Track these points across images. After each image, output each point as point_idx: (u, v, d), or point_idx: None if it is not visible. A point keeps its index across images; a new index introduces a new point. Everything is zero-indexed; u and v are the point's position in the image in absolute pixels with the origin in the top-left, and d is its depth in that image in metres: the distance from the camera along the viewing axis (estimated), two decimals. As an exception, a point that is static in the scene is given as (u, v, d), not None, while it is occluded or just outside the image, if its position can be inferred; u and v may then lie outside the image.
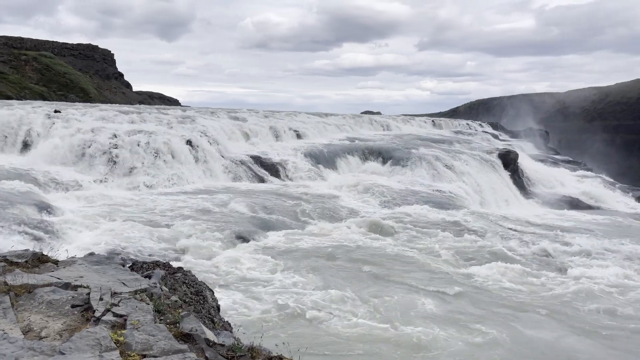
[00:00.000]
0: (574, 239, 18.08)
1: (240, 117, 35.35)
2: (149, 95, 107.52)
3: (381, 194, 23.13)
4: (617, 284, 13.05)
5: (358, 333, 9.21)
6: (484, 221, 20.19)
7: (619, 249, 16.86)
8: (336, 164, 28.89)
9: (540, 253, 15.98)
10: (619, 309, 11.47)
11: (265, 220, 16.56)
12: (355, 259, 13.80)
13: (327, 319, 9.64)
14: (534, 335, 9.82)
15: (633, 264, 15.09)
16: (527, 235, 18.58)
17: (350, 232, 16.65)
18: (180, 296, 5.71)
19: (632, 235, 20.52)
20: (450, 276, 13.12)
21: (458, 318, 10.30)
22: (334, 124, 41.54)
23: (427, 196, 23.74)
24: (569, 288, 12.71)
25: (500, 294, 12.07)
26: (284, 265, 12.57)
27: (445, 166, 29.14)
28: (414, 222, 18.59)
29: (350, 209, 19.76)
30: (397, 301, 10.90)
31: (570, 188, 33.31)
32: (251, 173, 24.50)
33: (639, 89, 70.48)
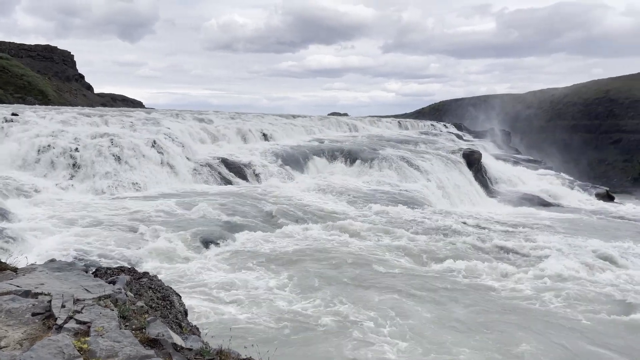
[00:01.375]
0: (535, 236, 18.67)
1: (206, 119, 34.95)
2: (111, 98, 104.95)
3: (349, 195, 23.30)
4: (577, 278, 13.53)
5: (329, 333, 9.25)
6: (449, 219, 20.60)
7: (578, 244, 17.48)
8: (304, 165, 28.92)
9: (502, 249, 16.42)
10: (579, 301, 11.90)
11: (232, 222, 16.42)
12: (323, 259, 13.85)
13: (297, 320, 9.64)
14: (499, 328, 10.08)
15: (591, 258, 15.67)
16: (490, 232, 19.06)
17: (318, 232, 16.70)
18: (147, 301, 5.60)
19: (590, 231, 21.35)
20: (418, 274, 13.33)
21: (427, 316, 10.47)
22: (301, 125, 41.56)
23: (394, 196, 24.06)
24: (530, 283, 13.10)
25: (465, 290, 12.34)
26: (253, 268, 12.50)
27: (411, 166, 29.58)
28: (382, 221, 18.80)
29: (319, 209, 19.81)
30: (364, 299, 11.00)
31: (531, 186, 34.31)
32: (218, 175, 24.25)
33: (595, 90, 73.30)
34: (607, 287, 12.94)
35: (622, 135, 63.09)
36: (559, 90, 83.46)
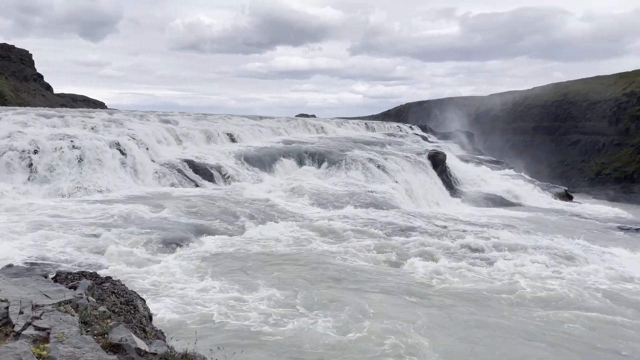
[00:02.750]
0: (498, 234, 19.15)
1: (172, 120, 34.37)
2: (72, 98, 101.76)
3: (317, 196, 23.36)
4: (538, 275, 13.97)
5: (297, 336, 9.25)
6: (416, 220, 20.92)
7: (538, 242, 18.03)
8: (272, 167, 28.81)
9: (467, 248, 16.78)
10: (541, 297, 12.29)
11: (199, 225, 16.21)
12: (290, 260, 13.85)
13: (265, 323, 9.60)
14: (463, 324, 10.31)
15: (551, 255, 16.18)
16: (455, 231, 19.44)
17: (286, 234, 16.68)
18: (109, 306, 5.49)
19: (549, 229, 22.06)
20: (385, 273, 13.49)
21: (394, 314, 10.60)
22: (269, 127, 41.37)
23: (362, 197, 24.25)
24: (494, 280, 13.45)
25: (432, 288, 12.56)
26: (220, 271, 12.38)
27: (378, 167, 29.90)
28: (350, 222, 18.93)
29: (287, 212, 19.79)
30: (332, 299, 11.06)
31: (494, 186, 35.15)
32: (184, 178, 23.89)
33: (554, 93, 75.73)
34: (564, 283, 13.39)
35: (580, 137, 65.42)
36: (521, 92, 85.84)
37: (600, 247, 17.61)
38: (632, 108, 57.32)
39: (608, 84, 66.13)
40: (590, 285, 13.36)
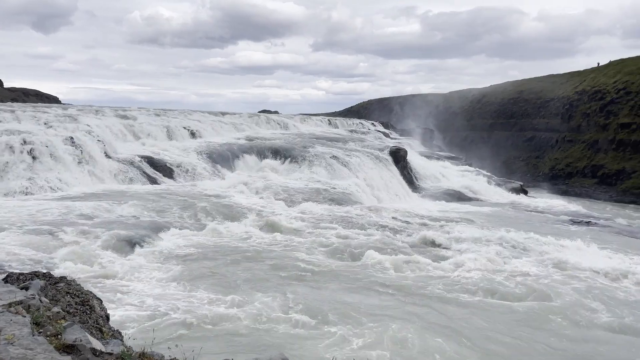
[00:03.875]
0: (456, 229, 19.67)
1: (130, 116, 33.50)
2: (23, 92, 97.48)
3: (280, 192, 23.32)
4: (493, 267, 14.44)
5: (256, 329, 9.25)
6: (378, 215, 21.22)
7: (494, 235, 18.62)
8: (234, 163, 28.57)
9: (427, 242, 17.18)
10: (498, 288, 12.72)
11: (158, 222, 15.92)
12: (253, 256, 13.80)
13: (225, 319, 9.55)
14: (421, 317, 10.56)
15: (507, 248, 16.77)
16: (416, 226, 19.85)
17: (249, 231, 16.60)
18: (64, 307, 5.34)
19: (506, 223, 22.80)
20: (345, 268, 13.64)
21: (348, 310, 10.74)
22: (230, 122, 40.95)
23: (325, 193, 24.38)
24: (452, 272, 13.82)
25: (391, 281, 12.79)
26: (180, 268, 12.21)
27: (341, 164, 30.10)
28: (312, 218, 19.01)
29: (249, 208, 19.67)
30: (290, 294, 11.10)
31: (453, 182, 36.04)
32: (143, 174, 23.37)
33: (510, 91, 78.10)
34: (518, 275, 13.90)
35: (534, 133, 67.77)
36: (479, 90, 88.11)
37: (552, 240, 18.34)
38: (583, 106, 59.78)
39: (561, 82, 68.73)
40: (541, 275, 13.92)
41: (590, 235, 20.95)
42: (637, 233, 23.20)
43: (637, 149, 50.28)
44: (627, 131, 51.95)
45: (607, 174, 51.74)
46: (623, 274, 14.63)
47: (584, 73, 67.42)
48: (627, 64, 59.73)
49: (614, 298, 12.65)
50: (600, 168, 52.95)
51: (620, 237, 21.35)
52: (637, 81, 53.79)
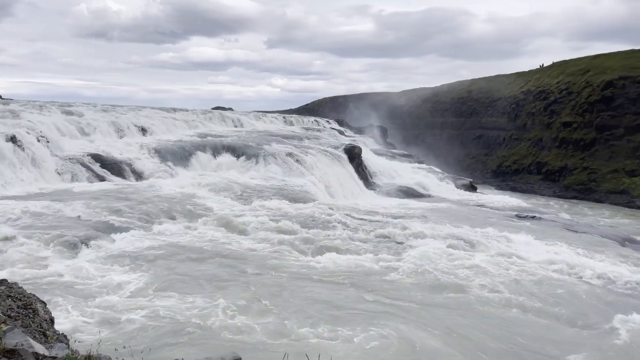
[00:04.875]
0: (409, 224, 20.05)
1: (76, 112, 32.17)
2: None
3: (235, 190, 23.02)
4: (444, 261, 14.84)
5: (207, 329, 9.10)
6: (333, 212, 21.32)
7: (445, 230, 19.12)
8: (187, 161, 27.96)
9: (381, 238, 17.43)
10: (450, 281, 13.07)
11: (108, 223, 15.35)
12: (205, 255, 13.57)
13: (175, 321, 9.34)
14: (375, 313, 10.72)
15: (456, 243, 17.25)
16: (370, 222, 20.10)
17: (203, 230, 16.31)
18: (4, 311, 5.06)
19: (456, 218, 23.46)
20: (300, 265, 13.64)
21: (308, 309, 10.76)
22: (183, 119, 40.08)
23: (281, 191, 24.26)
24: (406, 268, 14.08)
25: (349, 278, 12.90)
26: (131, 270, 11.84)
27: (296, 161, 30.06)
28: (267, 216, 18.87)
29: (203, 207, 19.31)
30: (243, 295, 11.01)
31: (406, 179, 36.72)
32: (91, 173, 22.48)
33: (460, 90, 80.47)
34: (468, 268, 14.35)
35: (483, 132, 70.12)
36: (430, 89, 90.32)
37: (500, 234, 19.03)
38: (528, 105, 62.36)
39: (508, 82, 71.42)
40: (490, 269, 14.42)
41: (535, 229, 21.90)
42: (579, 226, 24.43)
43: (578, 146, 52.96)
44: (569, 130, 54.62)
45: (550, 171, 54.23)
46: (568, 266, 15.38)
47: (529, 73, 70.37)
48: (569, 65, 62.79)
49: (558, 289, 13.27)
50: (544, 165, 55.44)
51: (564, 231, 22.43)
52: (578, 82, 56.63)
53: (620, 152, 49.09)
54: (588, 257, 16.91)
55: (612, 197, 46.38)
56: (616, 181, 47.47)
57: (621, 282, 14.31)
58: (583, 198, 47.94)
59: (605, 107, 51.65)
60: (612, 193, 46.79)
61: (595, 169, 49.89)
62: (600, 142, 51.15)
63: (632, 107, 49.33)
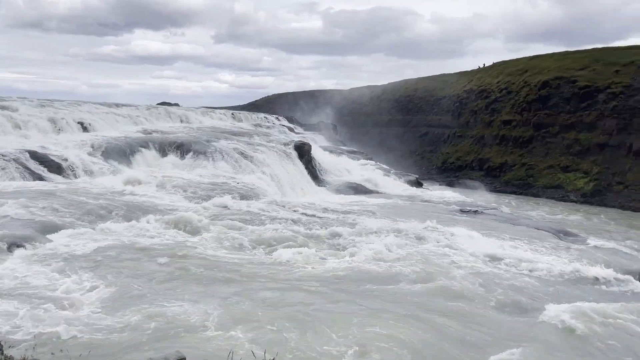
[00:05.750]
0: (359, 220, 20.36)
1: (9, 107, 30.32)
2: None
3: (182, 188, 22.50)
4: (393, 256, 15.16)
5: (153, 335, 8.88)
6: (283, 209, 21.31)
7: (393, 225, 19.54)
8: (131, 158, 27.02)
9: (331, 234, 17.57)
10: (398, 275, 13.37)
11: (45, 222, 14.61)
12: (150, 255, 13.20)
13: (113, 321, 9.04)
14: (324, 309, 10.82)
15: (405, 237, 17.67)
16: (320, 219, 20.23)
17: (149, 229, 15.84)
18: None
19: (403, 213, 24.02)
20: (250, 263, 13.54)
21: (253, 307, 10.71)
22: (127, 115, 38.68)
23: (230, 188, 23.94)
24: (355, 262, 14.29)
25: (295, 274, 12.94)
26: (69, 271, 11.33)
27: (246, 158, 29.75)
28: (217, 214, 18.60)
29: (149, 205, 18.76)
30: (193, 295, 10.82)
31: (356, 175, 37.19)
32: (26, 171, 21.29)
33: (406, 88, 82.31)
34: (416, 262, 14.74)
35: (428, 129, 72.08)
36: (378, 87, 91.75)
37: (444, 228, 19.67)
38: (471, 103, 64.64)
39: (451, 81, 73.72)
40: (436, 262, 14.89)
41: (477, 222, 22.78)
42: (518, 220, 25.63)
43: (517, 143, 55.50)
44: (509, 127, 57.12)
45: (492, 167, 56.53)
46: (507, 257, 16.11)
47: (472, 73, 72.95)
48: (508, 65, 65.63)
49: (497, 280, 13.88)
50: (486, 161, 57.70)
51: (504, 224, 23.45)
52: (517, 82, 59.29)
53: (555, 149, 51.87)
54: (526, 249, 17.79)
55: (548, 191, 48.97)
56: (552, 176, 50.17)
57: (555, 273, 15.16)
58: (522, 193, 50.33)
59: (542, 106, 54.39)
60: (548, 188, 49.40)
61: (533, 165, 52.48)
62: (538, 140, 53.84)
63: (567, 106, 52.22)
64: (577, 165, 48.85)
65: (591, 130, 49.32)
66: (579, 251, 18.27)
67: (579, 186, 47.20)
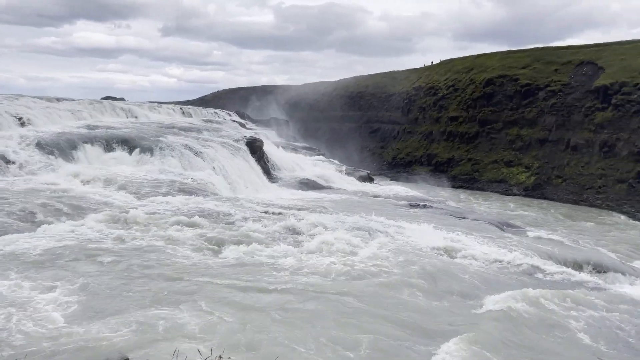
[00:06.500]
0: (311, 216, 20.43)
1: (-62, 100, 28.38)
2: None
3: (128, 185, 21.81)
4: (346, 251, 15.34)
5: (94, 335, 8.60)
6: (235, 206, 21.06)
7: (345, 220, 19.75)
8: (73, 154, 25.88)
9: (284, 230, 17.56)
10: (351, 270, 13.54)
11: (-21, 224, 13.79)
12: (97, 255, 12.74)
13: (65, 324, 8.70)
14: (272, 306, 10.82)
15: (354, 232, 17.91)
16: (272, 215, 20.15)
17: (94, 228, 15.26)
18: None
19: (355, 208, 24.33)
20: (202, 261, 13.33)
21: (203, 304, 10.57)
22: (68, 110, 37.02)
23: (179, 185, 23.43)
24: (308, 258, 14.35)
25: (247, 271, 12.85)
26: (5, 275, 10.76)
27: (195, 154, 29.16)
28: (165, 211, 18.16)
29: (94, 203, 18.07)
30: (142, 294, 10.56)
31: (308, 172, 37.29)
32: (-43, 168, 20.00)
33: (357, 85, 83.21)
34: (368, 257, 14.98)
35: (379, 125, 73.23)
36: (330, 83, 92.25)
37: (394, 222, 20.09)
38: (420, 100, 66.17)
39: (401, 78, 75.16)
40: (387, 255, 15.19)
41: (425, 216, 23.41)
42: (464, 213, 26.53)
43: (463, 139, 57.35)
44: (455, 124, 58.93)
45: (440, 162, 58.17)
46: (454, 249, 16.67)
47: (420, 70, 74.65)
48: (455, 63, 67.61)
49: (446, 271, 14.33)
50: (434, 157, 59.30)
51: (451, 218, 24.21)
52: (463, 79, 61.21)
53: (499, 144, 54.00)
54: (472, 241, 18.45)
55: (493, 185, 50.97)
56: (496, 171, 52.23)
57: (499, 263, 15.83)
58: (468, 187, 52.11)
59: (486, 103, 56.45)
60: (492, 182, 51.41)
61: (478, 160, 54.44)
62: (483, 135, 55.85)
63: (509, 103, 54.44)
64: (519, 160, 51.10)
65: (532, 127, 51.69)
66: (519, 242, 19.15)
67: (521, 180, 49.41)
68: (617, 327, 11.50)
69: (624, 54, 48.38)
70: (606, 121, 45.41)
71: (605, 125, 45.43)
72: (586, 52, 52.30)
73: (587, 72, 49.73)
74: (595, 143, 45.91)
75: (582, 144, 47.16)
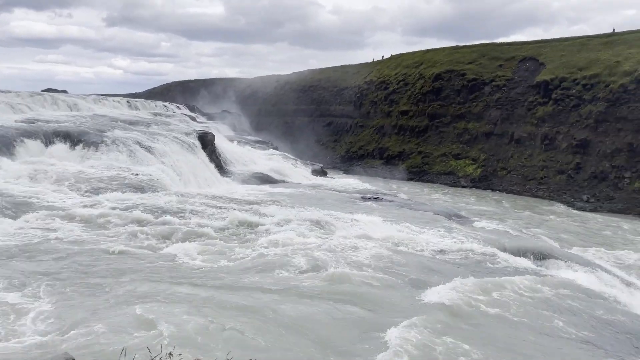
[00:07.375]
0: (265, 210, 20.33)
1: None
2: None
3: (72, 181, 20.91)
4: (300, 244, 15.36)
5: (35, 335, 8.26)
6: (186, 200, 20.63)
7: (299, 214, 19.77)
8: (11, 150, 24.50)
9: (237, 225, 17.37)
10: (307, 264, 13.57)
11: None
12: (40, 255, 12.19)
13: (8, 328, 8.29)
14: (230, 302, 10.72)
15: (309, 225, 17.97)
16: (225, 210, 19.89)
17: (32, 225, 14.56)
18: None
19: (309, 202, 24.41)
20: (150, 258, 13.00)
21: (155, 299, 10.35)
22: (5, 102, 35.06)
23: (126, 180, 22.68)
24: (262, 253, 14.27)
25: (199, 269, 12.65)
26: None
27: (143, 149, 28.29)
28: (112, 207, 17.56)
29: (35, 201, 17.22)
30: (82, 290, 10.21)
31: (261, 165, 37.04)
32: None
33: (310, 78, 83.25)
34: (322, 249, 15.07)
35: (332, 119, 73.64)
36: (283, 77, 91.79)
37: (347, 215, 20.30)
38: (371, 94, 67.04)
39: (353, 72, 75.85)
40: (340, 248, 15.35)
41: (377, 208, 23.81)
42: (414, 205, 27.17)
43: (414, 133, 58.61)
44: (406, 118, 60.13)
45: (391, 155, 59.25)
46: (405, 240, 17.04)
47: (371, 65, 75.60)
48: (405, 58, 68.87)
49: (397, 261, 14.64)
50: (386, 150, 60.33)
51: (402, 209, 24.74)
52: (413, 74, 62.46)
53: (447, 137, 55.59)
54: (421, 232, 18.93)
55: (442, 177, 52.47)
56: (445, 164, 53.76)
57: (448, 252, 16.34)
58: (418, 179, 53.41)
59: (435, 97, 57.88)
60: (441, 174, 52.91)
61: (428, 153, 55.85)
62: (432, 129, 57.30)
63: (457, 97, 56.08)
64: (466, 153, 52.83)
65: (479, 120, 53.52)
66: (467, 232, 19.83)
67: (468, 172, 51.12)
68: (558, 310, 12.14)
69: (564, 51, 50.89)
70: (547, 115, 47.66)
71: (546, 119, 47.68)
72: (528, 48, 54.61)
73: (529, 68, 51.97)
74: (537, 136, 48.13)
75: (525, 137, 49.30)
